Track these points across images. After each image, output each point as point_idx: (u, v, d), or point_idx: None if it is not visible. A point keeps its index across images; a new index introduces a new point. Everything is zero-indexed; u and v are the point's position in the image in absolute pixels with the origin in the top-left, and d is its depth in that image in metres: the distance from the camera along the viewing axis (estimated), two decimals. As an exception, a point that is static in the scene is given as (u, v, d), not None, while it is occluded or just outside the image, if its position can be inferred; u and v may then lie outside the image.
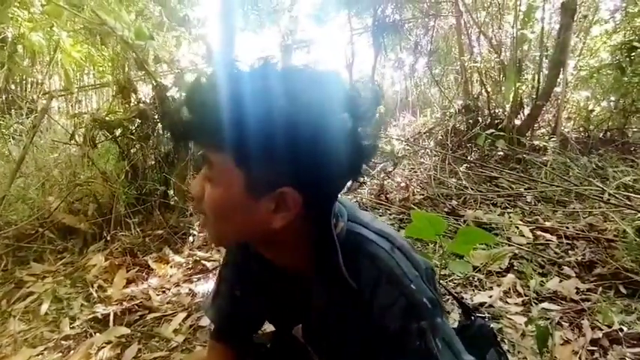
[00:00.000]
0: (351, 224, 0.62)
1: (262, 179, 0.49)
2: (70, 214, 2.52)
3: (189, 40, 4.03)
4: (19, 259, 2.21)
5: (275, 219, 0.52)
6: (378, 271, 0.57)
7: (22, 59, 5.80)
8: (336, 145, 0.47)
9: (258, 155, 0.47)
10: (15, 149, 4.67)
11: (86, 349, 1.39)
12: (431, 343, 0.56)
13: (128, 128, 2.63)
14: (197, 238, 2.30)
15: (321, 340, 0.72)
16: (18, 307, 1.76)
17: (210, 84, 0.48)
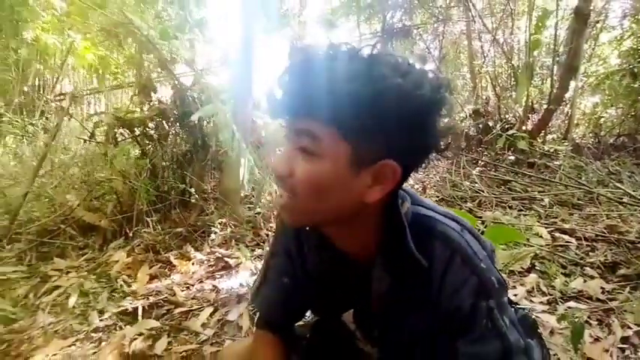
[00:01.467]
0: (416, 207, 0.63)
1: (367, 152, 0.51)
2: (89, 211, 2.54)
3: (204, 42, 4.09)
4: (43, 255, 2.23)
5: (369, 193, 0.53)
6: (451, 250, 0.58)
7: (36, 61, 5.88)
8: (430, 121, 0.50)
9: (367, 128, 0.48)
10: (27, 149, 4.73)
11: (118, 341, 1.40)
12: (499, 321, 0.58)
13: (148, 127, 2.67)
14: (217, 236, 2.31)
15: (377, 324, 0.73)
16: (46, 300, 1.78)
17: (317, 61, 0.50)
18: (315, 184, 0.53)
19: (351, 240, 0.64)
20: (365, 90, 0.47)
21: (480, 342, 0.59)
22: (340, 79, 0.47)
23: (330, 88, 0.47)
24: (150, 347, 1.40)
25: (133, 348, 1.37)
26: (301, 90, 0.50)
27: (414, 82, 0.49)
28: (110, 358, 1.32)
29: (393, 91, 0.47)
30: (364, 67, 0.48)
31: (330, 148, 0.51)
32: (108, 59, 5.19)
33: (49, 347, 1.46)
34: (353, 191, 0.53)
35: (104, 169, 2.90)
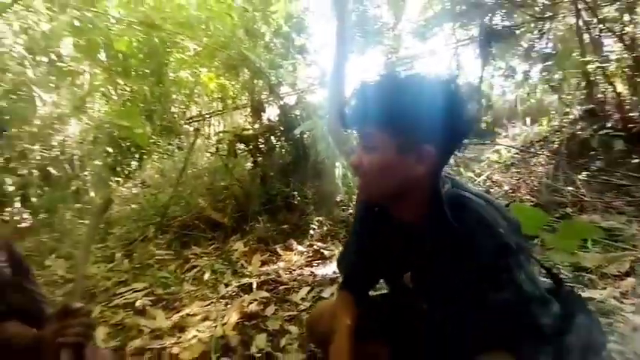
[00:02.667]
0: (455, 189, 0.85)
1: (407, 143, 0.76)
2: (215, 211, 3.15)
3: (305, 65, 4.62)
4: (184, 243, 2.87)
5: (415, 170, 0.78)
6: (475, 219, 0.78)
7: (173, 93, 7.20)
8: (453, 118, 0.75)
9: (404, 128, 0.75)
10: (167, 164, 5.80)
11: (239, 303, 1.84)
12: (516, 277, 0.75)
13: (259, 142, 3.21)
14: (316, 232, 2.69)
15: (426, 282, 0.92)
16: (188, 275, 2.34)
17: (369, 87, 0.79)
18: (375, 169, 0.80)
19: (407, 212, 0.87)
20: (400, 102, 0.74)
21: (499, 290, 0.75)
22: (384, 98, 0.76)
23: (379, 104, 0.76)
24: (262, 310, 1.80)
25: (250, 309, 1.78)
26: (362, 108, 0.79)
27: (440, 93, 0.74)
28: (234, 314, 1.75)
29: (417, 102, 0.74)
30: (400, 84, 0.76)
31: (382, 144, 0.78)
32: (227, 87, 6.14)
33: (192, 306, 1.96)
34: (402, 170, 0.78)
35: (225, 178, 3.55)
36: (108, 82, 5.25)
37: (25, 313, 0.94)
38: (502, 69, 7.73)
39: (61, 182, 4.91)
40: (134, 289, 2.21)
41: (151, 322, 1.83)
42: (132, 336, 1.75)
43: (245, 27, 4.20)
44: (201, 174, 3.92)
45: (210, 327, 1.73)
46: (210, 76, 5.51)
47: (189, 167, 4.20)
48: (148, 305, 2.01)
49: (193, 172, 4.12)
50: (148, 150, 6.10)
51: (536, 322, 0.74)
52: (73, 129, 5.03)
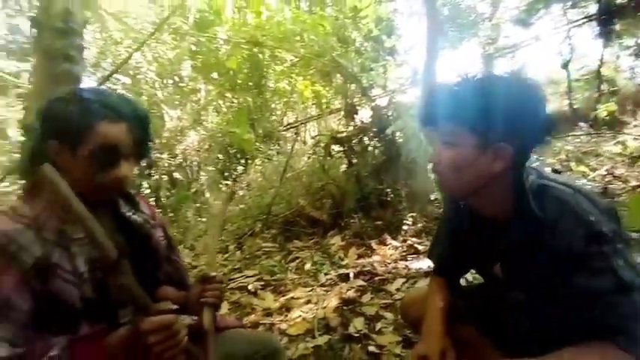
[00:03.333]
0: (541, 180, 0.84)
1: (486, 140, 0.79)
2: (314, 209, 3.39)
3: (395, 66, 4.66)
4: (286, 237, 3.16)
5: (493, 166, 0.80)
6: (561, 207, 0.78)
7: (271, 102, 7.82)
8: (529, 117, 0.77)
9: (483, 125, 0.78)
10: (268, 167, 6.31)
11: (339, 290, 2.00)
12: (612, 264, 0.73)
13: (352, 143, 3.36)
14: (409, 229, 2.74)
15: (517, 273, 0.92)
16: (291, 265, 2.59)
17: (446, 87, 0.85)
18: (453, 165, 0.83)
19: (487, 205, 0.89)
20: (478, 102, 0.78)
21: (594, 277, 0.74)
22: (462, 97, 0.80)
23: (458, 103, 0.81)
24: (358, 297, 1.93)
25: (348, 295, 1.93)
26: (441, 106, 0.84)
27: (518, 92, 0.77)
28: (333, 299, 1.92)
29: (498, 100, 0.77)
30: (479, 85, 0.80)
31: (462, 140, 0.81)
32: (321, 93, 6.48)
33: (296, 291, 2.18)
34: (481, 166, 0.81)
35: (322, 178, 3.78)
36: (219, 97, 5.97)
37: (173, 280, 1.20)
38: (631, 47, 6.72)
39: (184, 185, 5.72)
40: (246, 275, 2.53)
41: (262, 303, 2.09)
42: (247, 312, 2.03)
43: (337, 35, 4.43)
44: (300, 175, 4.23)
45: (312, 309, 1.91)
46: (305, 84, 5.88)
47: (289, 169, 4.58)
48: (258, 289, 2.29)
49: (293, 173, 4.47)
50: (251, 155, 6.74)
51: (637, 310, 0.71)
52: (192, 139, 5.82)
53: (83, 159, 0.82)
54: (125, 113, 0.84)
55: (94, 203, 0.87)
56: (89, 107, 0.81)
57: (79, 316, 0.84)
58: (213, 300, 0.99)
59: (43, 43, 1.34)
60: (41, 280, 0.79)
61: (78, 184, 0.81)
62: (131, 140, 0.86)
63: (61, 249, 0.82)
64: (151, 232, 1.03)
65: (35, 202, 0.83)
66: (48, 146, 0.83)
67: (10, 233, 0.77)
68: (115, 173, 0.85)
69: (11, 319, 0.75)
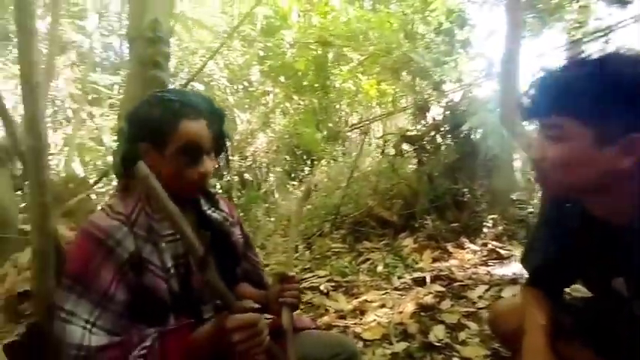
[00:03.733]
0: None
1: (608, 133, 0.67)
2: (384, 209, 3.30)
3: (469, 59, 4.39)
4: (356, 238, 3.11)
5: (623, 161, 0.67)
6: None
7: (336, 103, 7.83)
8: None
9: (602, 116, 0.66)
10: (334, 168, 6.31)
11: (415, 294, 1.90)
12: None
13: (424, 141, 3.22)
14: (489, 231, 2.54)
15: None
16: (362, 266, 2.54)
17: (552, 73, 0.73)
18: (562, 161, 0.71)
19: (610, 209, 0.76)
20: (595, 88, 0.65)
21: None
22: (572, 84, 0.68)
23: (567, 92, 0.68)
24: (437, 303, 1.82)
25: (425, 301, 1.82)
26: (547, 96, 0.72)
27: None
28: (410, 304, 1.83)
29: (623, 84, 0.63)
30: (594, 68, 0.67)
31: (572, 134, 0.69)
32: (387, 92, 6.34)
33: (369, 294, 2.12)
34: (597, 164, 0.69)
35: (392, 178, 3.67)
36: (286, 99, 6.11)
37: (251, 278, 1.21)
38: None
39: (253, 186, 5.94)
40: (318, 276, 2.53)
41: (335, 304, 2.07)
42: (320, 313, 2.01)
43: (404, 30, 4.29)
44: (367, 175, 4.16)
45: (388, 313, 1.84)
46: (371, 84, 5.79)
47: (355, 170, 4.52)
48: (330, 289, 2.27)
49: (360, 174, 4.41)
50: (317, 156, 6.80)
51: None
52: (261, 141, 6.03)
53: (170, 157, 0.85)
54: (204, 111, 0.87)
55: (180, 201, 0.90)
56: (171, 107, 0.85)
57: (167, 309, 0.87)
58: (291, 300, 0.98)
59: (135, 52, 1.44)
60: (134, 273, 0.83)
61: (167, 181, 0.83)
62: (211, 136, 0.88)
63: (151, 245, 0.86)
64: (229, 230, 1.05)
65: (128, 200, 0.88)
66: (138, 148, 0.87)
67: (108, 229, 0.82)
68: (199, 169, 0.87)
69: (109, 310, 0.79)
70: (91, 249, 0.80)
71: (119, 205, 0.87)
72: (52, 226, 1.08)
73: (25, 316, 1.36)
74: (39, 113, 1.07)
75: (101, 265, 0.79)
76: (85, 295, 0.78)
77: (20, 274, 1.50)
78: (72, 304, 0.77)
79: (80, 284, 0.78)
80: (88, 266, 0.79)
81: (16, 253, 1.56)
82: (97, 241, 0.81)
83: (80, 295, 0.78)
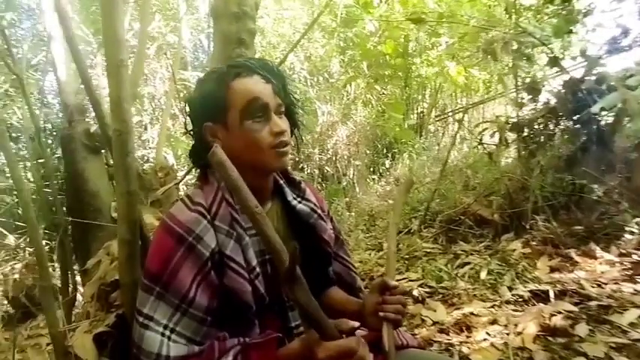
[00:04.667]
0: None
1: None
2: (482, 206, 2.90)
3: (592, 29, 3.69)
4: (450, 238, 2.77)
5: None
6: None
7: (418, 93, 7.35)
8: None
9: None
10: (416, 162, 5.92)
11: (537, 312, 1.54)
12: None
13: (534, 127, 2.74)
14: (633, 239, 2.03)
15: None
16: (461, 271, 2.21)
17: None
18: None
19: None
20: None
21: None
22: None
23: None
24: (570, 327, 1.44)
25: (553, 323, 1.46)
26: None
27: None
28: (531, 324, 1.48)
29: None
30: None
31: None
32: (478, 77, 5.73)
33: (472, 305, 1.81)
34: None
35: (491, 170, 3.24)
36: (368, 90, 5.86)
37: (344, 281, 1.03)
38: None
39: (334, 179, 5.82)
40: (408, 279, 2.26)
41: (432, 314, 1.79)
42: (415, 324, 1.76)
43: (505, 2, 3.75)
44: (461, 168, 3.74)
45: (502, 332, 1.52)
46: (459, 70, 5.27)
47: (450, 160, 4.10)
48: (425, 296, 2.00)
49: (449, 166, 4.00)
50: (398, 149, 6.46)
51: None
52: (342, 133, 5.86)
53: (234, 126, 0.76)
54: (256, 67, 0.78)
55: (262, 193, 0.82)
56: (219, 74, 0.79)
57: (252, 314, 0.75)
58: (394, 316, 0.79)
59: (219, 29, 1.33)
60: (216, 273, 0.73)
61: (242, 157, 0.75)
62: (271, 91, 0.78)
63: (234, 240, 0.73)
64: (318, 224, 0.89)
65: (208, 189, 0.78)
66: (203, 130, 0.79)
67: (187, 223, 0.71)
68: (271, 128, 0.77)
69: (189, 315, 0.70)
70: (170, 245, 0.71)
71: (199, 194, 0.77)
72: (137, 215, 1.00)
73: (115, 305, 1.34)
74: (124, 94, 0.98)
75: (181, 264, 0.70)
76: (163, 297, 0.70)
77: (113, 263, 1.51)
78: (150, 306, 0.70)
79: (159, 285, 0.70)
80: (167, 265, 0.70)
81: (110, 241, 1.57)
82: (176, 237, 0.71)
83: (159, 297, 0.70)
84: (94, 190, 1.52)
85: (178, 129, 5.09)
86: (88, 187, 1.51)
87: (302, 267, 0.89)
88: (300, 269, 0.74)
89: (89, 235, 1.52)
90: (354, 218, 4.61)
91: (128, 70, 1.02)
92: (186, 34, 5.39)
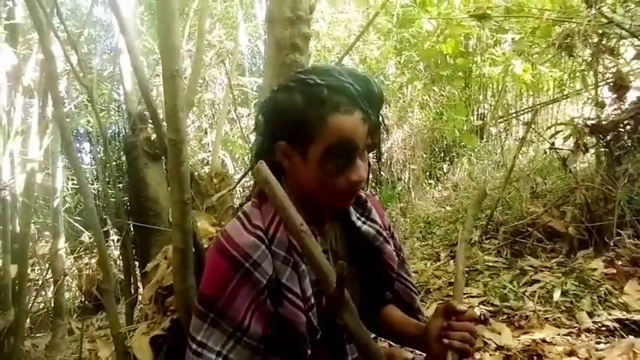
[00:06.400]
0: None
1: None
2: (554, 218, 2.63)
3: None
4: (516, 251, 2.54)
5: None
6: None
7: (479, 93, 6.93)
8: None
9: None
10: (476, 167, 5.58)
11: (628, 347, 1.34)
12: None
13: (620, 130, 2.43)
14: None
15: None
16: (529, 289, 2.01)
17: None
18: None
19: None
20: None
21: None
22: None
23: None
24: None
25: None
26: None
27: None
28: (620, 358, 1.28)
29: None
30: None
31: None
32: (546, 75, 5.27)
33: (544, 330, 1.62)
34: None
35: (564, 178, 2.94)
36: (425, 91, 5.64)
37: (402, 301, 0.96)
38: None
39: (388, 184, 5.67)
40: (469, 295, 2.10)
41: (496, 337, 1.63)
42: (476, 347, 1.61)
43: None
44: (528, 175, 3.44)
45: (582, 367, 1.34)
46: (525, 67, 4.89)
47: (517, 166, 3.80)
48: (488, 315, 1.83)
49: (516, 172, 3.71)
50: (457, 153, 6.16)
51: None
52: (397, 137, 5.70)
53: (314, 161, 0.69)
54: (359, 98, 0.67)
55: (321, 213, 0.78)
56: (317, 96, 0.67)
57: (305, 346, 0.71)
58: (460, 345, 0.70)
59: (273, 35, 1.31)
60: (271, 301, 0.70)
61: (308, 190, 0.71)
62: (366, 132, 0.68)
63: (290, 267, 0.70)
64: (383, 247, 0.84)
65: (265, 208, 0.73)
66: (275, 146, 0.72)
67: (245, 247, 0.68)
68: (351, 176, 0.69)
69: (243, 344, 0.68)
70: (227, 270, 0.68)
71: (256, 215, 0.73)
72: (191, 223, 1.01)
73: (171, 309, 1.37)
74: (179, 103, 0.99)
75: (237, 290, 0.68)
76: (218, 324, 0.68)
77: (169, 267, 1.56)
78: (204, 333, 0.69)
79: (213, 311, 0.69)
80: (223, 291, 0.68)
81: (167, 246, 1.63)
82: (233, 262, 0.68)
83: (213, 324, 0.69)
84: (154, 196, 1.58)
85: (236, 132, 5.27)
86: (148, 193, 1.58)
87: (361, 290, 0.84)
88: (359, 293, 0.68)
89: (149, 238, 1.58)
90: (410, 225, 4.45)
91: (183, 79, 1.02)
92: (244, 41, 5.56)
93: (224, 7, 5.71)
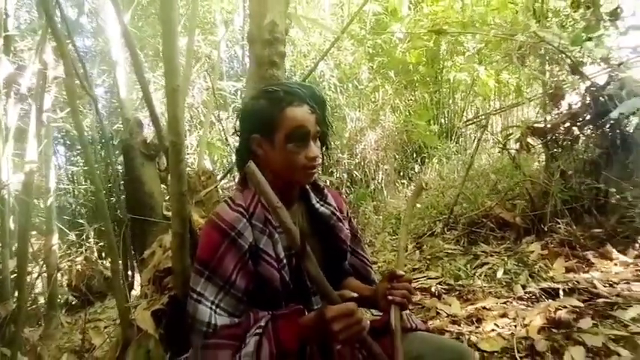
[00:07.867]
0: None
1: None
2: (504, 210, 2.97)
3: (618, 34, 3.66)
4: (471, 240, 2.87)
5: None
6: None
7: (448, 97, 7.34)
8: None
9: None
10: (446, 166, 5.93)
11: (544, 307, 1.65)
12: None
13: (557, 133, 2.79)
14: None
15: None
16: (479, 271, 2.32)
17: None
18: None
19: None
20: None
21: None
22: None
23: None
24: (574, 320, 1.55)
25: (558, 316, 1.57)
26: None
27: None
28: (538, 317, 1.60)
29: None
30: None
31: None
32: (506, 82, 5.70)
33: (486, 300, 1.93)
34: None
35: (514, 175, 3.30)
36: (396, 95, 5.97)
37: (359, 273, 1.19)
38: None
39: (362, 184, 5.96)
40: (428, 277, 2.40)
41: (447, 308, 1.93)
42: (430, 316, 1.90)
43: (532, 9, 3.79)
44: (485, 172, 3.80)
45: (510, 325, 1.64)
46: (488, 74, 5.29)
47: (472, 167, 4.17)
48: (442, 292, 2.13)
49: (476, 170, 4.06)
50: (428, 154, 6.51)
51: None
52: (370, 138, 6.00)
53: (279, 145, 0.91)
54: (306, 97, 0.91)
55: (290, 196, 1.00)
56: (275, 97, 0.90)
57: (280, 298, 0.92)
58: (400, 299, 0.95)
59: (254, 53, 1.55)
60: (252, 262, 0.90)
61: (279, 171, 0.93)
62: (314, 121, 0.92)
63: (267, 236, 0.91)
64: (337, 224, 1.06)
65: (246, 192, 0.95)
66: (250, 140, 0.94)
67: (230, 221, 0.89)
68: (307, 153, 0.91)
69: (231, 294, 0.87)
70: (217, 239, 0.89)
71: (239, 197, 0.95)
72: (188, 212, 1.22)
73: (168, 288, 1.58)
74: (179, 113, 1.21)
75: (225, 254, 0.88)
76: (211, 279, 0.87)
77: (165, 253, 1.76)
78: (201, 286, 0.87)
79: (208, 270, 0.87)
80: (215, 255, 0.88)
81: (162, 235, 1.83)
82: (222, 232, 0.89)
83: (208, 280, 0.87)
84: (149, 192, 1.79)
85: (214, 136, 5.43)
86: (144, 189, 1.78)
87: (322, 260, 1.07)
88: (320, 261, 0.87)
89: (145, 229, 1.78)
90: (382, 221, 4.74)
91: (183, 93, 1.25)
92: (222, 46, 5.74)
93: (202, 13, 5.86)
